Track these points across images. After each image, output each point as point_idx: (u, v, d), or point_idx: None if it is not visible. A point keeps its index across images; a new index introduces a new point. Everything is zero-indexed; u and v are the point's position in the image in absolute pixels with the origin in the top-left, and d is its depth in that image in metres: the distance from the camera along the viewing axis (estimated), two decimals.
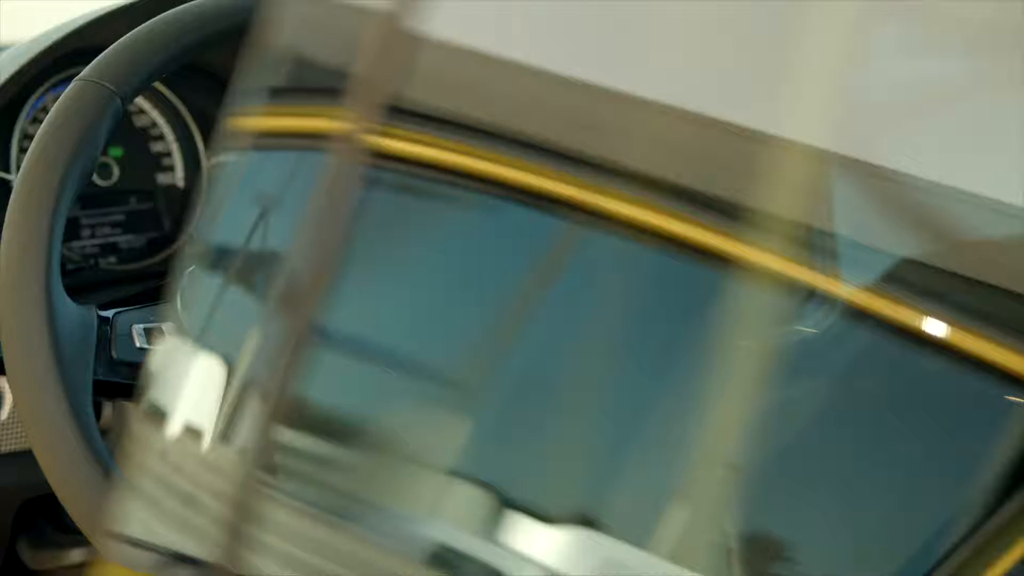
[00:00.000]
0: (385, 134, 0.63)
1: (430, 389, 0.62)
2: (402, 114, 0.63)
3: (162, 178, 1.47)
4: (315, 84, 0.66)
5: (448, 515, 0.63)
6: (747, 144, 0.58)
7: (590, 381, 0.59)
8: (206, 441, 0.67)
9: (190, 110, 1.47)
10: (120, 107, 1.13)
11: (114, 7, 1.33)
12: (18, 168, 1.39)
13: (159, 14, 1.19)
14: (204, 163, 1.47)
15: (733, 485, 0.59)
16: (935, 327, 0.57)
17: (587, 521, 0.61)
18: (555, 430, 0.61)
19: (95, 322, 1.11)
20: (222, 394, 0.67)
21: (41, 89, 1.41)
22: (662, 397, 0.58)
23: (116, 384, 1.12)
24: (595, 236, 0.61)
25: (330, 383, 0.64)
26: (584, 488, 0.62)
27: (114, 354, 1.12)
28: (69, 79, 1.42)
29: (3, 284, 1.07)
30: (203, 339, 0.70)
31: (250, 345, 0.66)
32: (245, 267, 0.69)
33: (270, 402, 0.62)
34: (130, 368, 1.12)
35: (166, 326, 1.15)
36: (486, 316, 0.61)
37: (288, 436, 0.64)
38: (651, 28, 0.60)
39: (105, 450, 1.05)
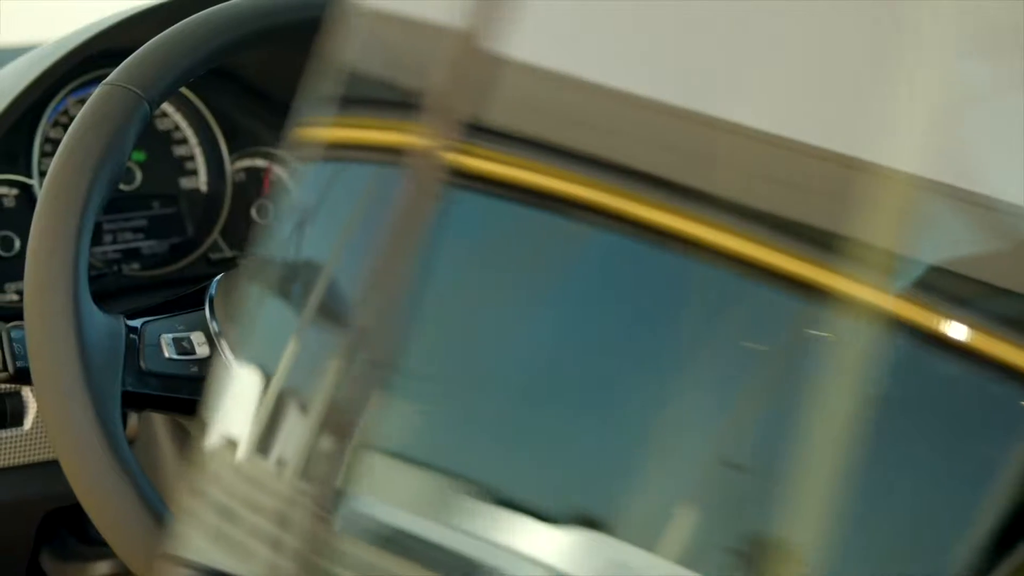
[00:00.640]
0: (464, 152, 0.61)
1: (503, 412, 0.60)
2: (482, 132, 0.61)
3: (185, 182, 1.44)
4: (387, 97, 0.64)
5: (456, 517, 0.62)
6: (843, 171, 0.56)
7: (672, 408, 0.57)
8: (274, 469, 0.65)
9: (213, 113, 1.45)
10: (147, 112, 1.11)
11: (139, 9, 1.30)
12: (40, 173, 1.37)
13: (186, 16, 1.17)
14: (228, 167, 1.44)
15: (747, 487, 0.58)
16: (966, 334, 0.56)
17: (591, 522, 0.60)
18: (593, 436, 0.59)
19: (123, 331, 1.08)
20: (292, 422, 0.65)
21: (63, 92, 1.38)
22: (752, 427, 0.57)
23: (145, 395, 1.10)
24: (682, 262, 0.59)
25: (404, 412, 0.62)
26: (590, 489, 0.61)
27: (143, 365, 1.09)
28: (91, 82, 1.40)
29: (31, 292, 1.05)
30: (268, 362, 0.68)
31: (320, 372, 0.64)
32: (315, 285, 0.67)
33: (344, 432, 0.60)
34: (159, 379, 1.10)
35: (197, 336, 1.13)
36: (566, 340, 0.59)
37: (361, 467, 0.62)
38: (741, 51, 0.58)
39: (134, 462, 1.03)
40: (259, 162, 1.47)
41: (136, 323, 1.11)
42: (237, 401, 0.68)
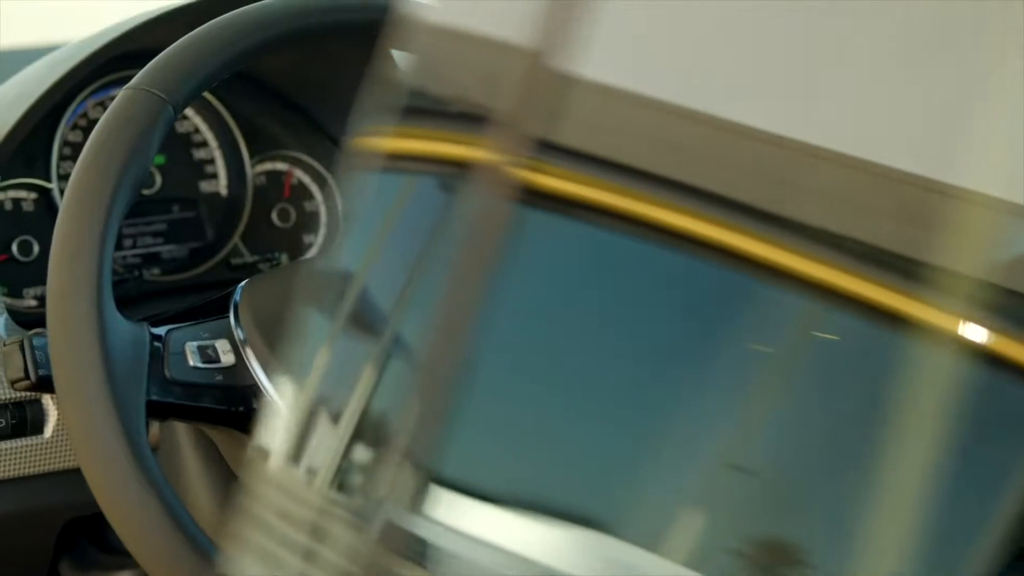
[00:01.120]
0: (534, 169, 0.59)
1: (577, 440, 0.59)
2: (552, 150, 0.59)
3: (205, 186, 1.42)
4: (449, 109, 0.63)
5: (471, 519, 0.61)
6: (936, 199, 0.54)
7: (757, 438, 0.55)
8: (332, 495, 0.63)
9: (234, 116, 1.43)
10: (172, 116, 1.09)
11: (162, 11, 1.28)
12: (59, 177, 1.35)
13: (210, 19, 1.15)
14: (248, 171, 1.43)
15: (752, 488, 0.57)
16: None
17: (591, 522, 0.60)
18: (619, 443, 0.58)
19: (147, 339, 1.07)
20: (348, 447, 0.63)
21: (82, 95, 1.36)
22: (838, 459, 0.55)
23: (169, 405, 1.08)
24: (762, 288, 0.57)
25: (471, 437, 0.60)
26: (592, 488, 0.60)
27: (167, 373, 1.08)
28: (110, 85, 1.38)
29: (53, 298, 1.03)
30: (324, 383, 0.66)
31: (380, 389, 0.62)
32: (375, 301, 0.65)
33: (406, 458, 0.59)
34: (184, 388, 1.08)
35: (222, 344, 1.11)
36: (637, 363, 0.57)
37: (426, 495, 0.60)
38: (826, 74, 0.57)
39: (158, 473, 1.01)
40: (280, 165, 1.45)
41: (160, 331, 1.09)
42: (294, 421, 0.66)
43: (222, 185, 1.43)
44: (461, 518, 0.61)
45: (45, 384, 1.07)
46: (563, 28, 0.59)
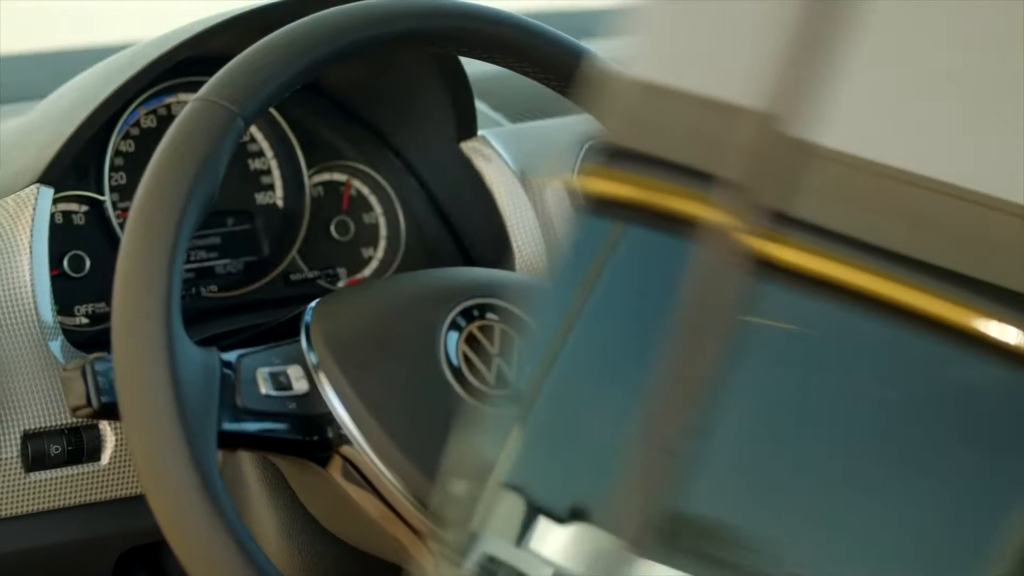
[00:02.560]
0: (769, 239, 0.54)
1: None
2: (785, 221, 0.54)
3: (261, 198, 1.37)
4: (668, 161, 0.57)
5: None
6: None
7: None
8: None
9: (291, 125, 1.37)
10: (242, 129, 1.04)
11: (221, 18, 1.23)
12: (112, 189, 1.30)
13: (271, 26, 1.09)
14: (306, 182, 1.37)
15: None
16: None
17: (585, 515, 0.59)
18: None
19: (218, 366, 1.01)
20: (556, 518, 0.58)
21: (135, 104, 1.31)
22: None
23: (241, 435, 1.03)
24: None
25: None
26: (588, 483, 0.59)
27: (239, 402, 1.02)
28: (163, 93, 1.33)
29: (120, 323, 0.98)
30: (528, 447, 0.61)
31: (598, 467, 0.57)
32: (588, 355, 0.60)
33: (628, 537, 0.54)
34: (255, 417, 1.03)
35: (294, 370, 1.06)
36: (875, 462, 0.52)
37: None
38: None
39: (232, 511, 0.96)
40: (338, 176, 1.40)
41: (230, 356, 1.04)
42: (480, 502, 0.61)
43: (278, 196, 1.37)
44: None
45: (108, 412, 1.02)
46: (801, 91, 0.54)
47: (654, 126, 0.58)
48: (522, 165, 1.35)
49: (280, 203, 1.37)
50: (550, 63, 1.16)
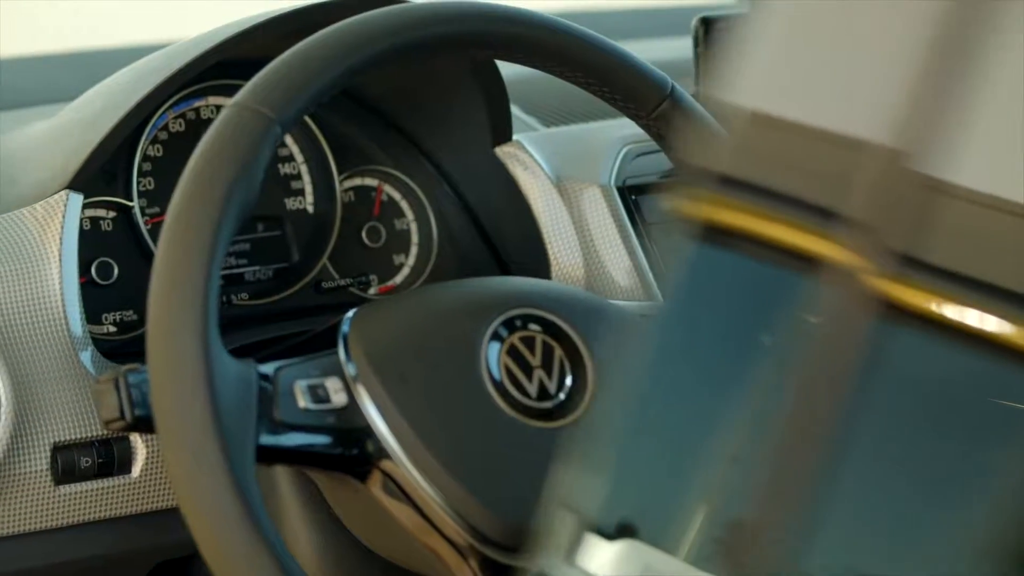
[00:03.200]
0: (898, 282, 0.51)
1: None
2: (916, 264, 0.51)
3: (291, 203, 1.34)
4: (792, 193, 0.55)
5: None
6: None
7: None
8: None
9: (321, 128, 1.35)
10: (280, 135, 1.01)
11: (254, 21, 1.20)
12: (140, 195, 1.27)
13: (304, 30, 1.07)
14: (337, 186, 1.34)
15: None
16: None
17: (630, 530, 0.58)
18: None
19: (255, 379, 0.99)
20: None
21: (163, 107, 1.28)
22: None
23: (280, 450, 1.00)
24: None
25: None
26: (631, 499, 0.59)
27: (277, 416, 1.00)
28: (191, 96, 1.30)
29: (156, 335, 0.95)
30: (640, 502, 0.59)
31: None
32: (698, 382, 0.57)
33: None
34: (294, 432, 1.00)
35: (332, 383, 1.03)
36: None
37: None
38: None
39: (272, 530, 0.94)
40: (369, 181, 1.37)
41: (267, 369, 1.01)
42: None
43: (309, 202, 1.34)
44: None
45: (142, 425, 0.99)
46: (931, 126, 0.51)
47: (771, 157, 0.55)
48: (558, 170, 1.33)
49: (310, 208, 1.34)
50: (592, 67, 1.13)
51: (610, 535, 0.59)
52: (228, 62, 1.23)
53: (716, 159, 0.57)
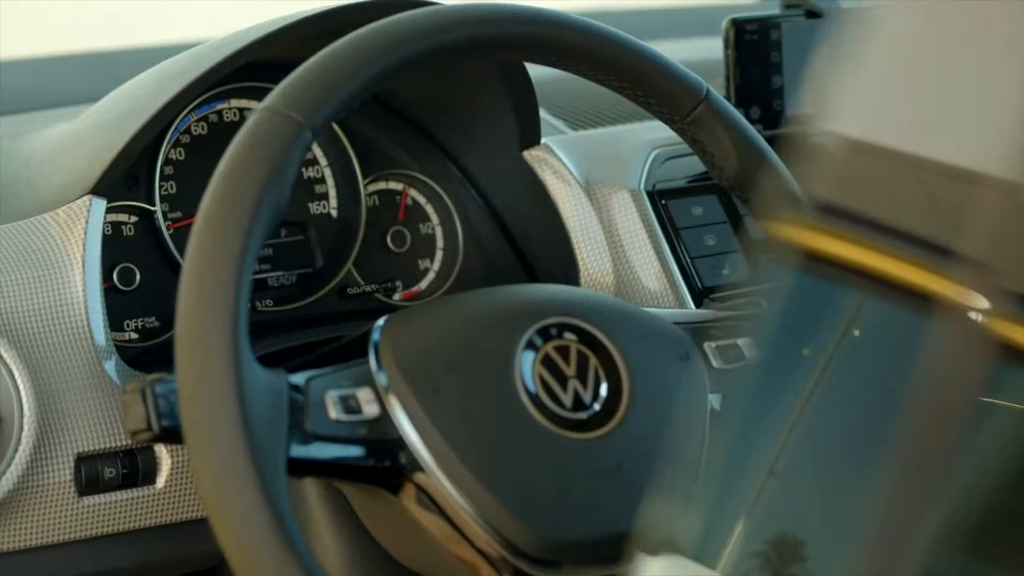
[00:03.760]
0: (1017, 323, 0.49)
1: None
2: None
3: (314, 207, 1.32)
4: (904, 227, 0.52)
5: None
6: None
7: None
8: None
9: (345, 132, 1.32)
10: (310, 141, 0.99)
11: (281, 24, 1.18)
12: (163, 199, 1.25)
13: (332, 33, 1.04)
14: (361, 190, 1.32)
15: None
16: None
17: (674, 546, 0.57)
18: None
19: (286, 390, 0.96)
20: None
21: (186, 110, 1.26)
22: None
23: (311, 462, 0.98)
24: None
25: None
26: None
27: (308, 427, 0.98)
28: (214, 99, 1.28)
29: (186, 345, 0.93)
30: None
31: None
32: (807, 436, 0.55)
33: None
34: (326, 444, 0.98)
35: (364, 393, 1.01)
36: None
37: None
38: None
39: (303, 544, 0.92)
40: (394, 185, 1.35)
41: (298, 379, 0.99)
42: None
43: (333, 206, 1.32)
44: None
45: (169, 436, 0.97)
46: None
47: (877, 187, 0.53)
48: (587, 174, 1.31)
49: (334, 213, 1.32)
50: (625, 70, 1.11)
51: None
52: (252, 64, 1.20)
53: (820, 187, 0.55)
